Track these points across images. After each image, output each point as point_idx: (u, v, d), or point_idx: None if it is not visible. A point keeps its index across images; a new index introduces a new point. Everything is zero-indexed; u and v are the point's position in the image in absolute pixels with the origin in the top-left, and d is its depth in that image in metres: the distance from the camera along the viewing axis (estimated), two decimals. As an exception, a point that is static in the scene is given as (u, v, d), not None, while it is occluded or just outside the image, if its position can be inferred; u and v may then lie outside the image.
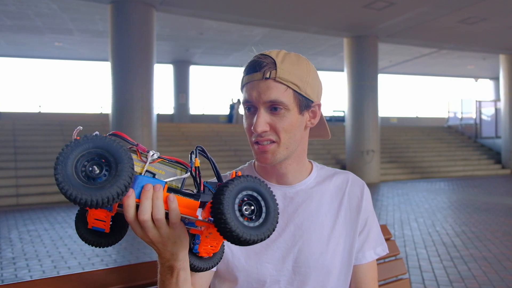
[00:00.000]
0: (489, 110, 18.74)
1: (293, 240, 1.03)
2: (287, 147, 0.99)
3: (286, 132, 0.97)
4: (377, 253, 1.11)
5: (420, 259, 4.51)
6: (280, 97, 0.95)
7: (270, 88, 0.94)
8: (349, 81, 12.62)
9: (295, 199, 1.05)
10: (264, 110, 0.96)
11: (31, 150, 10.86)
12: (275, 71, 0.95)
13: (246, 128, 1.01)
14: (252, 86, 0.96)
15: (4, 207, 8.55)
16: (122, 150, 0.66)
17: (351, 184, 1.11)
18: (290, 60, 0.97)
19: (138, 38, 9.18)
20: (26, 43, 14.71)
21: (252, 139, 0.99)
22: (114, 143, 0.67)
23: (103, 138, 0.66)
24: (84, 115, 17.91)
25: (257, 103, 0.96)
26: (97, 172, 0.65)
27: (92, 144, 0.66)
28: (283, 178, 1.05)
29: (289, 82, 0.96)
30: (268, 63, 0.96)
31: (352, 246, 1.07)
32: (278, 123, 0.96)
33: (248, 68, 0.98)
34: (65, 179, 0.62)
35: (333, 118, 21.07)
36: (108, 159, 0.66)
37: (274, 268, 1.01)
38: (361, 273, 1.09)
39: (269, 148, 0.97)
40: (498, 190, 10.82)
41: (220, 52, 16.56)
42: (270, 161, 0.99)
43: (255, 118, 0.96)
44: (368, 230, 1.10)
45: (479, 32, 12.52)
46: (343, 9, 10.43)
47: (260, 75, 0.95)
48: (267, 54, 0.98)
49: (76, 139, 0.66)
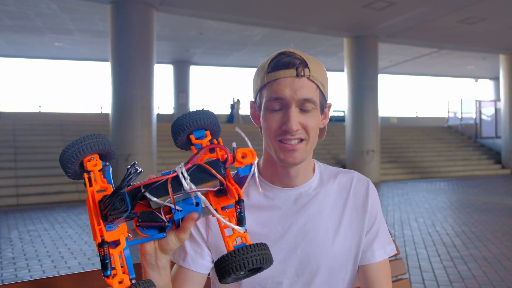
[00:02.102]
0: (489, 110, 18.74)
1: (296, 242, 1.01)
2: (312, 146, 0.99)
3: (313, 131, 0.97)
4: (387, 252, 1.07)
5: (420, 259, 4.51)
6: (313, 96, 0.95)
7: (304, 86, 0.94)
8: (349, 81, 12.62)
9: (299, 200, 1.03)
10: (295, 108, 0.94)
11: (31, 150, 10.87)
12: (308, 70, 0.94)
13: (269, 126, 0.97)
14: (284, 83, 0.94)
15: (4, 207, 8.55)
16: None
17: (356, 183, 1.08)
18: (313, 59, 0.97)
19: (138, 38, 9.18)
20: (26, 43, 14.70)
21: (278, 138, 0.96)
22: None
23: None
24: (84, 115, 17.92)
25: (290, 100, 0.94)
26: None
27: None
28: (291, 180, 1.03)
29: (319, 81, 0.96)
30: (301, 61, 0.94)
31: (358, 247, 1.04)
32: (308, 121, 0.95)
33: (277, 64, 0.95)
34: None
35: (333, 118, 21.05)
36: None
37: (277, 269, 0.99)
38: (372, 273, 1.05)
39: (298, 147, 0.96)
40: (498, 190, 10.82)
41: (220, 52, 16.55)
42: (298, 160, 0.97)
43: (288, 115, 0.94)
44: (377, 229, 1.06)
45: (479, 32, 12.52)
46: (343, 9, 10.43)
47: (293, 72, 0.94)
48: (292, 52, 0.96)
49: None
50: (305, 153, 0.97)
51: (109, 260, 0.63)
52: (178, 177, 0.69)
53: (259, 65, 1.00)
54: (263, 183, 1.05)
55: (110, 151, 0.72)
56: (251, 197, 1.04)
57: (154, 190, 0.68)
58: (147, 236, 0.72)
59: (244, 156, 0.72)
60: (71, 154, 0.67)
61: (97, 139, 0.69)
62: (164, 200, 0.68)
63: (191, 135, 0.77)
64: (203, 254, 1.00)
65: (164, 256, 0.78)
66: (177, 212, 0.71)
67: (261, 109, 0.99)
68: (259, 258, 0.67)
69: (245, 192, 1.05)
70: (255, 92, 1.01)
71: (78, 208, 8.30)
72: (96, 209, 0.64)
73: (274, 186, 1.04)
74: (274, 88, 0.94)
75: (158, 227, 0.72)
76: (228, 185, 0.70)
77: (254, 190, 1.05)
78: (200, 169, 0.70)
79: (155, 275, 0.79)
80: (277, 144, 0.96)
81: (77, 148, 0.67)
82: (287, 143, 0.95)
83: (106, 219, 0.63)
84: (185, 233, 0.74)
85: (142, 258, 0.77)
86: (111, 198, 0.62)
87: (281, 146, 0.96)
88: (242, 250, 0.67)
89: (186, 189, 0.68)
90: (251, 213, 1.02)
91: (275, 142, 0.97)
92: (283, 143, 0.95)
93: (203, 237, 1.02)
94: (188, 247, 1.01)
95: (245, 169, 0.72)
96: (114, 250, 0.65)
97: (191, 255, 1.00)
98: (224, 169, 0.72)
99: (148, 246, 0.76)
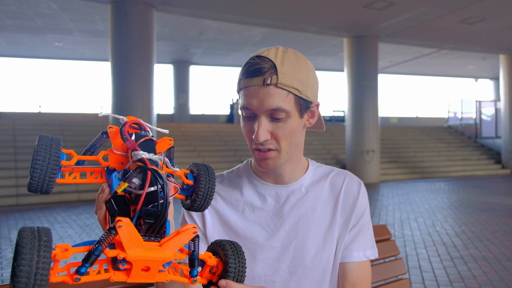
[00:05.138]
0: (489, 110, 18.74)
1: (288, 240, 1.01)
2: (288, 152, 0.98)
3: (286, 139, 0.95)
4: (366, 255, 1.04)
5: (420, 259, 4.51)
6: (282, 105, 0.91)
7: (271, 95, 0.90)
8: (349, 81, 12.62)
9: (290, 198, 1.04)
10: (264, 118, 0.92)
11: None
12: (276, 77, 0.89)
13: (245, 133, 0.97)
14: (251, 92, 0.91)
15: (4, 207, 8.55)
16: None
17: (348, 183, 1.07)
18: (289, 61, 0.92)
19: (138, 38, 9.18)
20: (26, 43, 14.70)
21: (253, 146, 0.97)
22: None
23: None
24: (84, 115, 17.90)
25: (257, 111, 0.92)
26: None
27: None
28: (280, 178, 1.04)
29: (291, 87, 0.91)
30: (269, 68, 0.90)
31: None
32: (279, 131, 0.93)
33: (247, 71, 0.92)
34: None
35: (333, 118, 21.05)
36: None
37: (269, 267, 1.00)
38: (347, 272, 1.02)
39: (270, 155, 0.96)
40: (498, 190, 10.81)
41: (220, 52, 16.55)
42: (271, 167, 0.98)
43: (256, 126, 0.92)
44: (359, 229, 1.05)
45: (479, 32, 12.52)
46: (343, 9, 10.43)
47: (260, 80, 0.90)
48: (265, 56, 0.92)
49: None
50: (279, 160, 0.97)
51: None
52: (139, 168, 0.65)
53: (241, 67, 0.99)
54: (255, 180, 1.06)
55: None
56: (244, 194, 1.05)
57: (131, 177, 0.63)
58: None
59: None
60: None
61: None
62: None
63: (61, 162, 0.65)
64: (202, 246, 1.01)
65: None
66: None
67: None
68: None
69: (238, 189, 1.07)
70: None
71: (78, 208, 8.29)
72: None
73: (266, 182, 1.05)
74: (244, 96, 0.93)
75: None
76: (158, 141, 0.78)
77: (247, 187, 1.06)
78: (143, 144, 0.71)
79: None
80: (252, 151, 0.98)
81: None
82: (262, 151, 0.95)
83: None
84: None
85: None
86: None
87: (256, 153, 0.97)
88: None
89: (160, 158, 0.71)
90: (244, 210, 1.04)
91: (252, 148, 0.98)
92: (258, 151, 0.96)
93: (202, 231, 1.04)
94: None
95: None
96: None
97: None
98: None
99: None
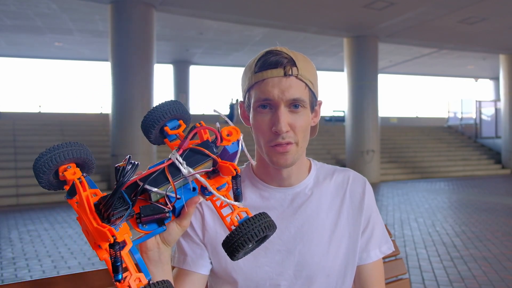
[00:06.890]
0: (489, 110, 18.75)
1: (293, 243, 1.00)
2: (302, 146, 0.96)
3: (302, 131, 0.94)
4: (382, 251, 1.06)
5: (420, 259, 4.51)
6: (302, 95, 0.92)
7: (292, 86, 0.91)
8: (349, 81, 12.62)
9: (295, 200, 1.02)
10: (284, 108, 0.92)
11: (31, 150, 10.86)
12: (296, 68, 0.91)
13: (260, 129, 0.94)
14: (271, 83, 0.91)
15: (4, 207, 8.55)
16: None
17: (352, 182, 1.06)
18: (301, 57, 0.95)
19: (138, 38, 9.18)
20: (26, 43, 14.70)
21: (271, 142, 0.93)
22: None
23: None
24: (84, 115, 17.90)
25: (278, 101, 0.91)
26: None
27: None
28: (285, 180, 1.02)
29: (307, 80, 0.93)
30: (288, 60, 0.91)
31: (355, 246, 1.03)
32: (297, 121, 0.93)
33: (264, 64, 0.92)
34: None
35: (333, 118, 21.06)
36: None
37: (273, 271, 0.99)
38: (366, 273, 1.05)
39: (289, 149, 0.93)
40: (498, 190, 10.82)
41: (220, 52, 16.55)
42: (290, 162, 0.95)
43: (277, 117, 0.91)
44: (372, 228, 1.05)
45: (479, 32, 12.52)
46: (343, 9, 10.43)
47: (281, 71, 0.91)
48: (279, 50, 0.93)
49: None
50: (296, 154, 0.95)
51: (120, 262, 0.59)
52: (173, 164, 0.68)
53: (247, 64, 0.98)
54: (258, 183, 1.04)
55: (89, 160, 0.67)
56: (247, 197, 1.03)
57: (152, 181, 0.66)
58: (149, 232, 0.70)
59: (230, 134, 0.72)
60: (44, 162, 0.63)
61: (73, 147, 0.65)
62: (165, 190, 0.67)
63: (165, 127, 0.75)
64: (202, 254, 1.00)
65: (167, 249, 0.77)
66: (177, 200, 0.69)
67: (250, 109, 0.97)
68: (264, 226, 0.67)
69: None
70: (244, 92, 0.99)
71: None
72: (93, 214, 0.60)
73: (269, 186, 1.03)
74: (262, 88, 0.92)
75: (158, 220, 0.69)
76: (222, 163, 0.70)
77: (250, 191, 1.04)
78: (193, 151, 0.70)
79: (159, 272, 0.77)
80: (269, 148, 0.94)
81: (51, 156, 0.63)
82: (280, 145, 0.93)
83: (109, 221, 0.60)
84: (187, 219, 0.74)
85: (144, 256, 0.76)
86: (112, 197, 0.60)
87: (272, 149, 0.94)
88: (248, 222, 0.67)
89: (185, 174, 0.67)
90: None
91: (267, 146, 0.95)
92: (276, 146, 0.93)
93: (200, 238, 1.01)
94: (187, 249, 1.00)
95: (233, 146, 0.71)
96: (122, 251, 0.60)
97: (190, 256, 0.99)
98: (216, 148, 0.71)
99: (150, 243, 0.75)
